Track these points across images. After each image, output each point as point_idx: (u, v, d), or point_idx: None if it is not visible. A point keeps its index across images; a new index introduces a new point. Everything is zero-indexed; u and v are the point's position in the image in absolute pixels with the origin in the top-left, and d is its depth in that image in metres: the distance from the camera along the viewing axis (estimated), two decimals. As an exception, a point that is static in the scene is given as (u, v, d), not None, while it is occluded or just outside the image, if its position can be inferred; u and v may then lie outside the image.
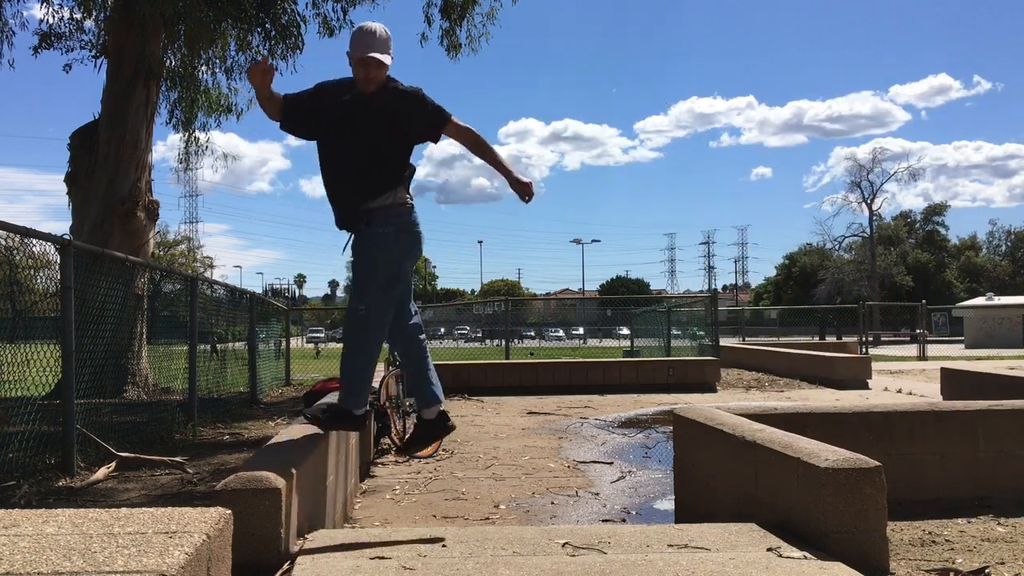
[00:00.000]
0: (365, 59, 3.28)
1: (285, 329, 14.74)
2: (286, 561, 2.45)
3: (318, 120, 3.43)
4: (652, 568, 2.34)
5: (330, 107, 3.38)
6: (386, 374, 7.21)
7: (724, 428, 3.37)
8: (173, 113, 13.03)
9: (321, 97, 3.42)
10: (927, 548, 3.02)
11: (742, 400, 10.17)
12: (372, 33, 3.31)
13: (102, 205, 10.37)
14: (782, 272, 67.68)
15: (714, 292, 19.34)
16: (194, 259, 57.52)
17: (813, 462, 2.64)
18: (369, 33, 3.31)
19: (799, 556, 2.45)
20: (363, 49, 3.28)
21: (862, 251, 57.33)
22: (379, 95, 3.35)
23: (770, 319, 47.48)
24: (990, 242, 67.93)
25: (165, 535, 1.34)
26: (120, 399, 8.49)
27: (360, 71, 3.30)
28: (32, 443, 4.94)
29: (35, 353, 5.23)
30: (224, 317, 10.38)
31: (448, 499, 4.63)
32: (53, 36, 12.65)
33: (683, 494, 3.85)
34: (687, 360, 12.93)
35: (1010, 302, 33.62)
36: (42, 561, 1.21)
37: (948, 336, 37.60)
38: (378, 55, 3.28)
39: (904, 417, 3.97)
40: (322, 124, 3.43)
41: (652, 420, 8.27)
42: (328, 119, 3.40)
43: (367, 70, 3.29)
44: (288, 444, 3.24)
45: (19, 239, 5.00)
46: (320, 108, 3.40)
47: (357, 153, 3.37)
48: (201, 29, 10.17)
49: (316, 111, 3.42)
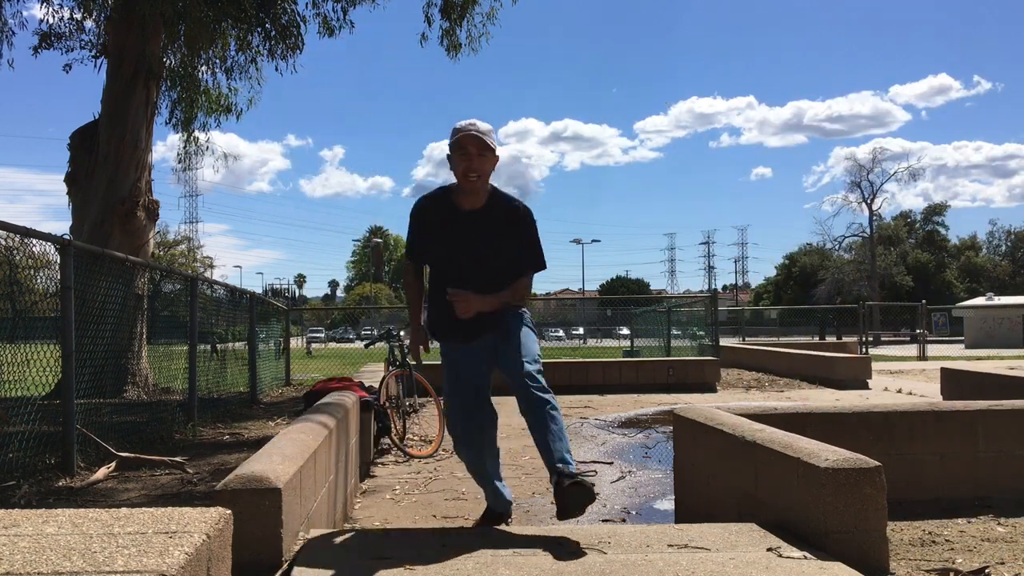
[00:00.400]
0: (464, 139, 3.00)
1: (285, 329, 14.74)
2: (286, 561, 2.45)
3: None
4: (652, 568, 2.34)
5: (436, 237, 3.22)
6: (386, 374, 7.19)
7: (724, 428, 3.37)
8: (173, 113, 13.05)
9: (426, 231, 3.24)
10: (927, 548, 3.02)
11: (742, 400, 10.17)
12: (471, 123, 3.05)
13: (102, 205, 10.37)
14: (782, 272, 67.69)
15: (714, 292, 19.35)
16: (194, 259, 57.55)
17: (813, 462, 2.64)
18: (467, 124, 3.05)
19: (799, 556, 2.45)
20: (459, 135, 3.02)
21: (862, 251, 57.34)
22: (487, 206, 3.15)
23: (770, 319, 47.52)
24: (990, 242, 68.01)
25: (165, 535, 1.34)
26: (120, 399, 8.49)
27: (461, 164, 3.02)
28: (32, 443, 4.94)
29: (35, 353, 5.23)
30: (224, 317, 10.39)
31: (448, 499, 4.63)
32: (53, 36, 12.66)
33: (683, 494, 3.85)
34: (687, 360, 12.94)
35: (1010, 302, 33.63)
36: (42, 561, 1.21)
37: (948, 336, 37.61)
38: (483, 136, 3.01)
39: (904, 417, 3.97)
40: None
41: (652, 420, 8.27)
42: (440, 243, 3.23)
43: (468, 161, 3.00)
44: (288, 444, 3.23)
45: (19, 239, 5.00)
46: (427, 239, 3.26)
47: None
48: (201, 29, 10.18)
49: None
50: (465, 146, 3.00)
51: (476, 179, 3.02)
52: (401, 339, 7.20)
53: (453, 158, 3.05)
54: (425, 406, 8.16)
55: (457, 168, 3.04)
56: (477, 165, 3.01)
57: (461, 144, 3.02)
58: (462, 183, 3.06)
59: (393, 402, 6.63)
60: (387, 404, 6.38)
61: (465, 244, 3.17)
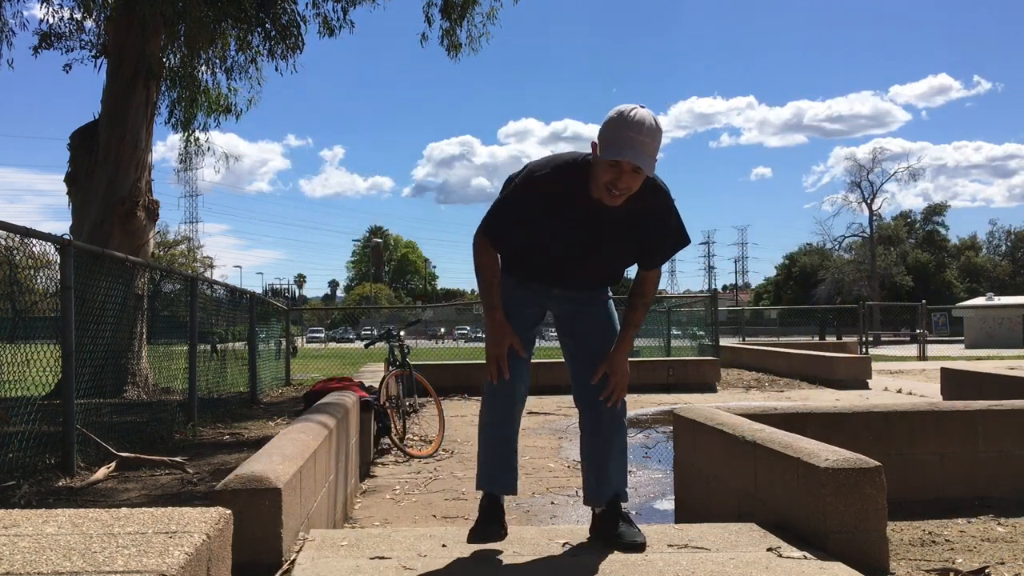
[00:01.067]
0: (620, 163, 2.38)
1: (285, 329, 14.74)
2: (286, 561, 2.45)
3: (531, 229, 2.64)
4: (652, 568, 2.34)
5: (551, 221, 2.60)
6: (386, 374, 7.20)
7: (724, 428, 3.37)
8: (173, 113, 13.04)
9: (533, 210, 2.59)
10: (927, 548, 3.02)
11: (742, 400, 10.17)
12: (640, 124, 2.37)
13: (102, 205, 10.38)
14: (782, 272, 67.69)
15: (714, 292, 19.36)
16: (194, 259, 57.53)
17: (813, 462, 2.64)
18: (635, 123, 2.37)
19: (799, 556, 2.45)
20: (620, 148, 2.36)
21: (862, 251, 57.33)
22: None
23: (770, 319, 47.50)
24: (990, 242, 67.99)
25: (165, 535, 1.34)
26: (120, 399, 8.49)
27: (608, 175, 2.41)
28: (32, 443, 4.94)
29: (35, 353, 5.23)
30: (224, 317, 10.39)
31: (448, 499, 4.64)
32: (53, 36, 12.66)
33: (683, 494, 3.85)
34: (687, 360, 12.94)
35: (1010, 302, 33.62)
36: (42, 561, 1.21)
37: (948, 336, 37.60)
38: (640, 161, 2.38)
39: (904, 417, 3.97)
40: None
41: (652, 420, 8.27)
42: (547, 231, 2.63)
43: (618, 175, 2.40)
44: (288, 444, 3.23)
45: (19, 239, 5.00)
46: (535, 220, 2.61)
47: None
48: (201, 29, 10.18)
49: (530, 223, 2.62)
50: (621, 171, 2.40)
51: (623, 196, 2.45)
52: (401, 339, 7.20)
53: (600, 161, 2.43)
54: (425, 406, 8.16)
55: (601, 176, 2.43)
56: (627, 183, 2.42)
57: (618, 166, 2.40)
58: (603, 194, 2.46)
59: (393, 402, 6.63)
60: (387, 404, 6.38)
61: (585, 245, 2.64)
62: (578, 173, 2.53)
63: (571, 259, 2.67)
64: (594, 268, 2.72)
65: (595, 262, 2.70)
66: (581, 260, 2.68)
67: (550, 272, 2.73)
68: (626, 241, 2.63)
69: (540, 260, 2.70)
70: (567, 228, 2.59)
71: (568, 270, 2.71)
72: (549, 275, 2.74)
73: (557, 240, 2.63)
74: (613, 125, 2.39)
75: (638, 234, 2.62)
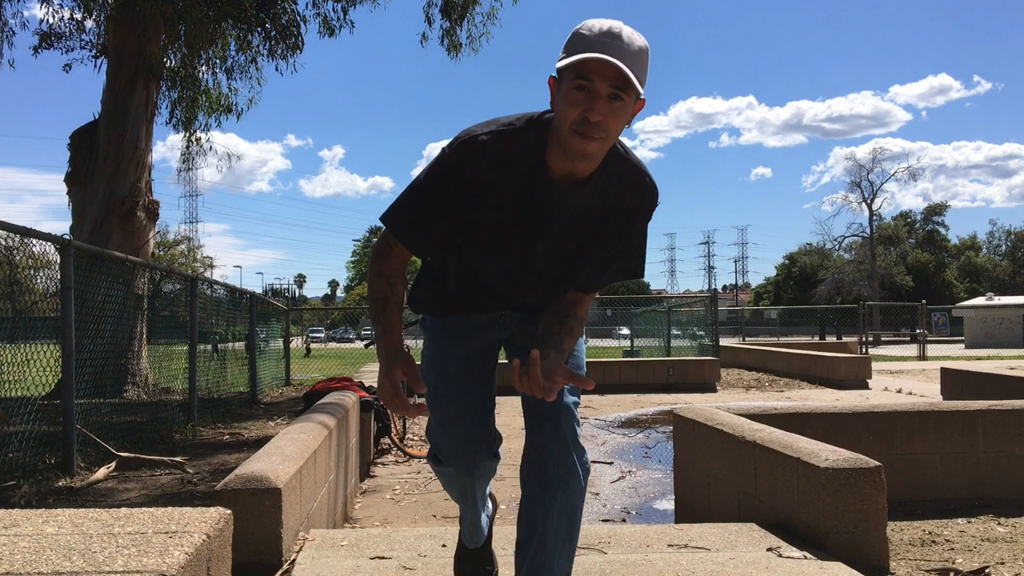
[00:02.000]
0: (596, 64, 1.53)
1: (285, 329, 14.75)
2: (286, 561, 2.45)
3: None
4: (652, 568, 2.34)
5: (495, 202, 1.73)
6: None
7: (724, 428, 3.37)
8: (173, 113, 13.02)
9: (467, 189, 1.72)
10: (927, 548, 3.02)
11: (742, 400, 10.17)
12: (615, 31, 1.57)
13: (102, 205, 10.38)
14: (782, 272, 67.68)
15: (714, 292, 19.36)
16: (194, 259, 57.57)
17: (813, 462, 2.64)
18: (608, 29, 1.57)
19: (799, 556, 2.45)
20: (589, 49, 1.55)
21: (862, 251, 57.31)
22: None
23: (770, 319, 47.52)
24: (990, 242, 68.00)
25: (165, 535, 1.34)
26: (120, 399, 8.49)
27: (574, 109, 1.56)
28: (32, 443, 4.94)
29: (35, 353, 5.23)
30: (224, 317, 10.39)
31: (448, 499, 4.63)
32: (53, 36, 12.66)
33: (683, 494, 3.85)
34: (687, 360, 12.94)
35: (1010, 302, 33.62)
36: (42, 561, 1.21)
37: (948, 336, 37.60)
38: (630, 63, 1.55)
39: (904, 417, 3.97)
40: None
41: (652, 420, 8.27)
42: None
43: (592, 103, 1.55)
44: (288, 444, 3.24)
45: (19, 239, 5.00)
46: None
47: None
48: (201, 29, 10.17)
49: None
50: (593, 74, 1.54)
51: (599, 141, 1.58)
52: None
53: (563, 89, 1.59)
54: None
55: (566, 110, 1.57)
56: (602, 113, 1.55)
57: (588, 68, 1.54)
58: (570, 141, 1.59)
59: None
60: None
61: (540, 247, 1.79)
62: (532, 139, 1.69)
63: (521, 274, 1.85)
64: (555, 288, 1.87)
65: (557, 278, 1.85)
66: (535, 276, 1.85)
67: (491, 295, 1.91)
68: (602, 238, 1.81)
69: (475, 279, 1.89)
70: (517, 226, 1.75)
71: (518, 291, 1.90)
72: (490, 299, 1.93)
73: (502, 246, 1.79)
74: (577, 35, 1.60)
75: (615, 231, 1.81)
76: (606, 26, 1.58)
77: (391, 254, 1.83)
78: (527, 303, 1.92)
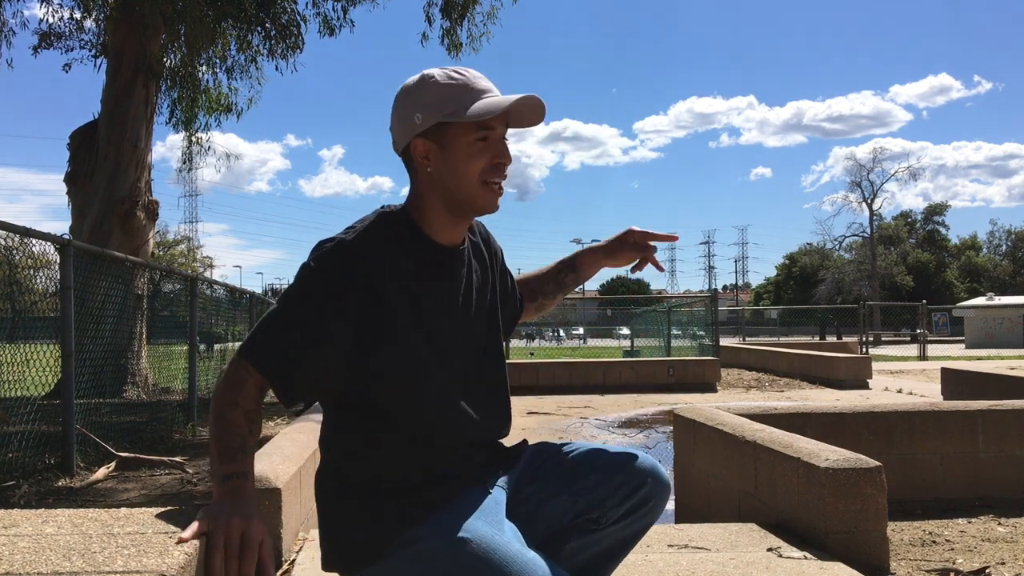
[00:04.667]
0: (525, 105, 1.48)
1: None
2: (286, 561, 2.45)
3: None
4: (652, 568, 2.33)
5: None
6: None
7: (724, 428, 3.37)
8: (173, 113, 13.02)
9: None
10: (927, 548, 3.02)
11: (742, 400, 10.16)
12: (473, 72, 1.50)
13: (102, 205, 10.38)
14: (782, 272, 67.70)
15: (714, 292, 19.36)
16: (194, 259, 57.58)
17: (813, 462, 2.64)
18: (470, 72, 1.50)
19: (799, 556, 2.45)
20: (490, 97, 1.46)
21: (862, 251, 57.32)
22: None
23: (770, 319, 47.55)
24: (990, 242, 68.05)
25: (165, 535, 1.34)
26: (120, 399, 8.48)
27: (481, 157, 1.47)
28: (32, 443, 4.94)
29: (35, 353, 5.23)
30: (224, 317, 10.39)
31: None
32: (53, 36, 12.66)
33: (683, 494, 3.85)
34: (687, 360, 12.94)
35: (1010, 302, 33.64)
36: (42, 561, 1.21)
37: (948, 336, 37.61)
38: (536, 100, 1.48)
39: (904, 417, 3.97)
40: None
41: (652, 420, 8.27)
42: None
43: (501, 152, 1.49)
44: (288, 444, 3.24)
45: (19, 239, 5.00)
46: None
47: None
48: (201, 29, 10.17)
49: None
50: (495, 120, 1.47)
51: (500, 192, 1.51)
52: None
53: (459, 144, 1.46)
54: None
55: (469, 164, 1.46)
56: (508, 159, 1.49)
57: (504, 117, 1.48)
58: (480, 195, 1.48)
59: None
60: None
61: (474, 327, 1.58)
62: (398, 222, 1.50)
63: (466, 370, 1.56)
64: (499, 370, 1.67)
65: (495, 355, 1.66)
66: (478, 364, 1.60)
67: (457, 434, 1.54)
68: (502, 300, 1.69)
69: (421, 418, 1.49)
70: (439, 312, 1.50)
71: (477, 400, 1.58)
72: (458, 451, 1.54)
73: (434, 342, 1.48)
74: (447, 86, 1.46)
75: (503, 286, 1.71)
76: (465, 70, 1.49)
77: (248, 384, 1.43)
78: (491, 428, 1.61)
